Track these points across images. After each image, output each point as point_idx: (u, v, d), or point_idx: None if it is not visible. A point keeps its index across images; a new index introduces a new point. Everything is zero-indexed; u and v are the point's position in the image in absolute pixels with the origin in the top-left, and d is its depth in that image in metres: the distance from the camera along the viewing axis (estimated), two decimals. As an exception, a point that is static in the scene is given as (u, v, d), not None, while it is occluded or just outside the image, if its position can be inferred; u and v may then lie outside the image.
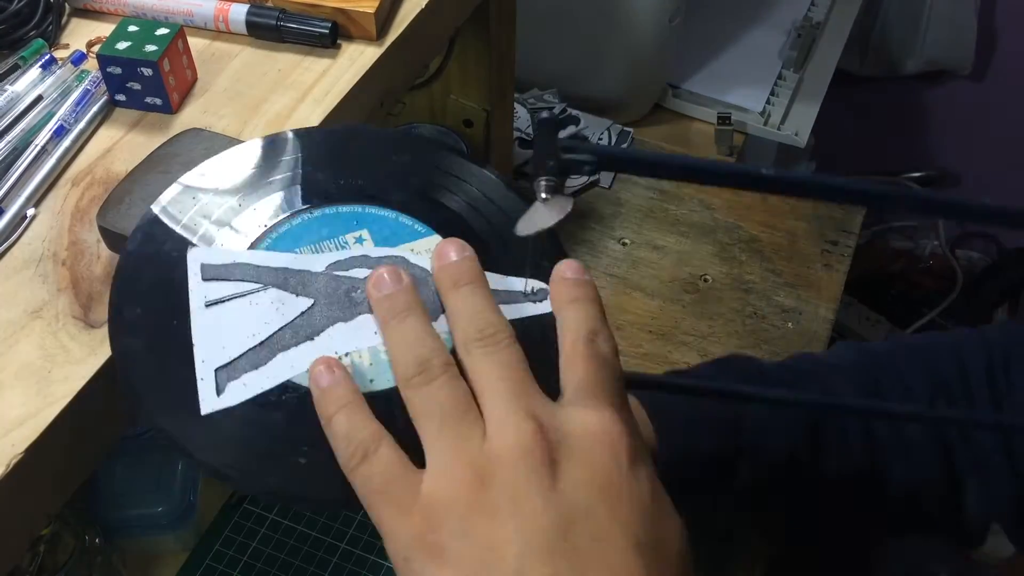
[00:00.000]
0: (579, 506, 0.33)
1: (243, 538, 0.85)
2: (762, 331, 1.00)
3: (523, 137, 1.13)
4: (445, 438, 0.35)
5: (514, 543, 0.33)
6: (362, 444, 0.35)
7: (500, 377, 0.36)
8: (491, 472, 0.34)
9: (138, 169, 0.49)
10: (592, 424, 0.35)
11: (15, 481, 0.40)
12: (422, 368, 0.36)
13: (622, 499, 0.34)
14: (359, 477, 0.35)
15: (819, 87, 1.31)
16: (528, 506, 0.33)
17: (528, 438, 0.34)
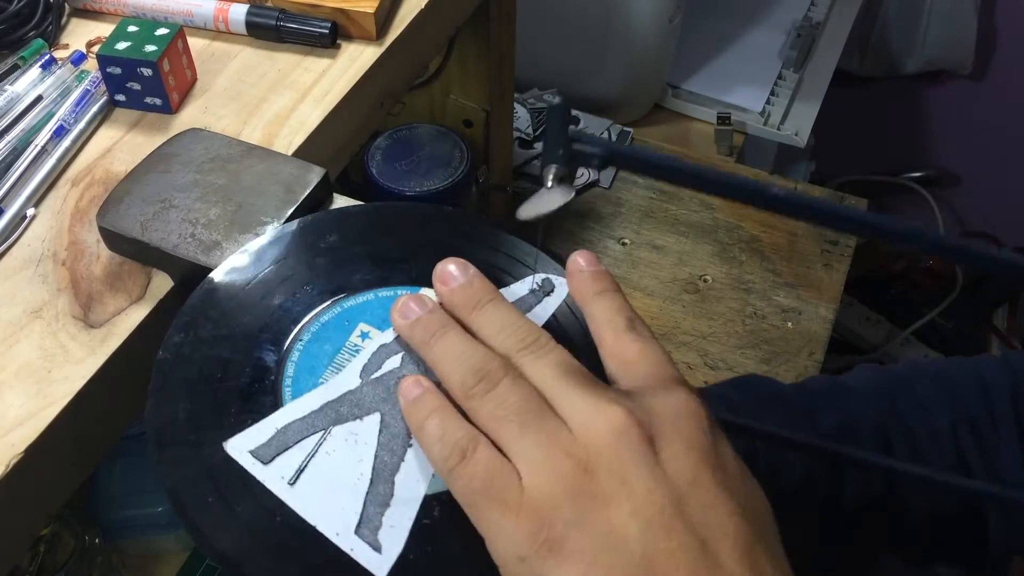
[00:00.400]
0: (685, 478, 0.34)
1: (243, 538, 0.85)
2: (762, 331, 1.00)
3: (523, 137, 1.13)
4: (531, 435, 0.34)
5: (634, 523, 0.33)
6: (459, 444, 0.35)
7: (563, 375, 0.36)
8: (593, 459, 0.34)
9: (138, 169, 0.49)
10: (670, 401, 0.36)
11: (15, 481, 0.40)
12: (481, 375, 0.36)
13: (719, 467, 0.35)
14: (459, 478, 0.34)
15: (819, 87, 1.31)
16: (639, 485, 0.33)
17: (620, 420, 0.34)
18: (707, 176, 0.40)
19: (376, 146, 0.91)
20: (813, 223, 1.09)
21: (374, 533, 0.35)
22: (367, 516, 0.36)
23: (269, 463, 0.36)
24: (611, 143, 0.38)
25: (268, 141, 0.54)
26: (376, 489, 0.36)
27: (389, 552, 0.35)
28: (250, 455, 0.37)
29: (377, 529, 0.35)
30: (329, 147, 0.58)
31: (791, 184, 1.18)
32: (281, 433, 0.37)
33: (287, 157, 0.51)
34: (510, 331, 0.37)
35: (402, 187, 0.87)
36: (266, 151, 0.50)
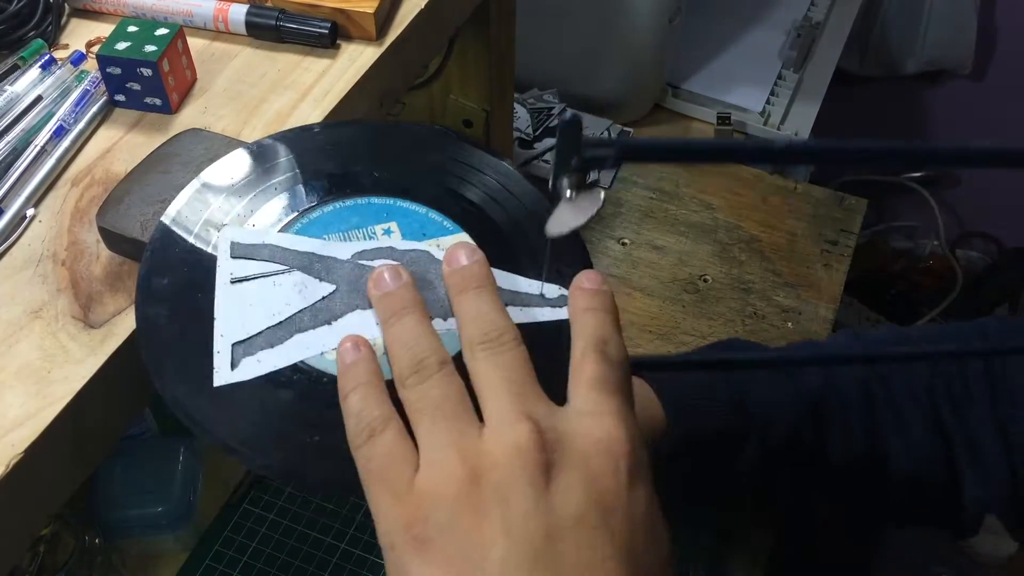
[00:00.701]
0: (570, 513, 0.33)
1: (243, 538, 0.85)
2: (762, 331, 1.00)
3: (523, 137, 1.13)
4: (439, 433, 0.35)
5: (499, 545, 0.32)
6: (370, 424, 0.36)
7: (501, 378, 0.36)
8: (484, 469, 0.34)
9: (138, 169, 0.49)
10: (594, 431, 0.35)
11: (15, 481, 0.40)
12: (417, 367, 0.36)
13: (616, 511, 0.33)
14: (361, 456, 0.36)
15: (819, 87, 1.31)
16: (518, 508, 0.33)
17: (524, 439, 0.34)
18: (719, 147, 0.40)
19: (376, 146, 0.91)
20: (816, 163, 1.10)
21: (242, 355, 0.38)
22: (251, 341, 0.39)
23: (234, 258, 0.41)
24: (621, 139, 0.38)
25: (268, 141, 0.54)
26: (276, 331, 0.39)
27: (238, 374, 0.38)
28: (229, 243, 0.42)
29: (248, 354, 0.39)
30: (329, 147, 0.58)
31: (791, 184, 1.18)
32: (261, 246, 0.41)
33: (287, 157, 0.51)
34: (478, 322, 0.38)
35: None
36: (266, 151, 0.50)
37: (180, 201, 0.44)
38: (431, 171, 0.47)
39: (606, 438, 0.35)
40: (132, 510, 0.81)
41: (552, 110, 1.17)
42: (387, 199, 0.44)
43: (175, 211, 0.43)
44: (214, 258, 0.41)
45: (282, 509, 0.87)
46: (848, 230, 1.12)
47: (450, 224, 0.44)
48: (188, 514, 0.83)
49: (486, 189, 0.47)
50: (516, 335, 0.37)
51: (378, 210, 0.44)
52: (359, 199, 0.44)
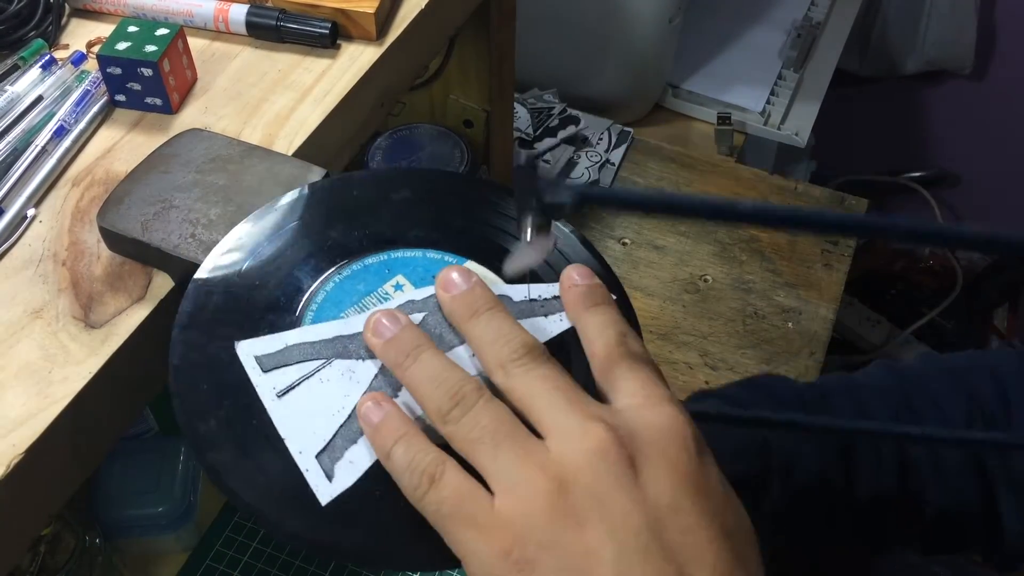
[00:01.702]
0: (665, 501, 0.33)
1: (243, 538, 0.85)
2: (762, 331, 1.00)
3: (523, 137, 1.13)
4: (504, 454, 0.34)
5: (609, 546, 0.32)
6: (427, 470, 0.34)
7: (550, 389, 0.35)
8: (569, 478, 0.33)
9: (138, 169, 0.49)
10: (656, 420, 0.35)
11: (15, 481, 0.40)
12: (456, 399, 0.35)
13: (702, 490, 0.34)
14: (429, 504, 0.34)
15: (819, 87, 1.31)
16: (617, 507, 0.32)
17: (601, 439, 0.33)
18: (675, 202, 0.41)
19: (376, 146, 0.91)
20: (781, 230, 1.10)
21: (332, 462, 0.37)
22: (332, 445, 0.37)
23: (267, 372, 0.38)
24: (580, 187, 0.39)
25: (268, 141, 0.54)
26: (350, 425, 0.37)
27: (339, 483, 0.36)
28: (254, 359, 0.39)
29: (336, 460, 0.37)
30: (329, 147, 0.58)
31: (791, 184, 1.18)
32: (288, 349, 0.39)
33: (287, 157, 0.51)
34: (504, 341, 0.37)
35: (402, 187, 0.87)
36: (266, 151, 0.50)
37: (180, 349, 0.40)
38: (405, 212, 0.45)
39: (670, 424, 0.35)
40: (132, 510, 0.81)
41: (552, 110, 1.17)
42: (380, 255, 0.43)
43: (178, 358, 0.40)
44: (246, 379, 0.39)
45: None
46: (848, 230, 1.11)
47: (452, 257, 0.43)
48: (188, 514, 0.83)
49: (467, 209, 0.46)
50: (545, 349, 0.37)
51: (378, 269, 0.42)
52: (354, 265, 0.43)
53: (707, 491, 0.34)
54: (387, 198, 0.46)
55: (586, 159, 1.16)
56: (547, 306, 0.41)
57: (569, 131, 1.15)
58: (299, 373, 0.38)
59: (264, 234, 0.44)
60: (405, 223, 0.45)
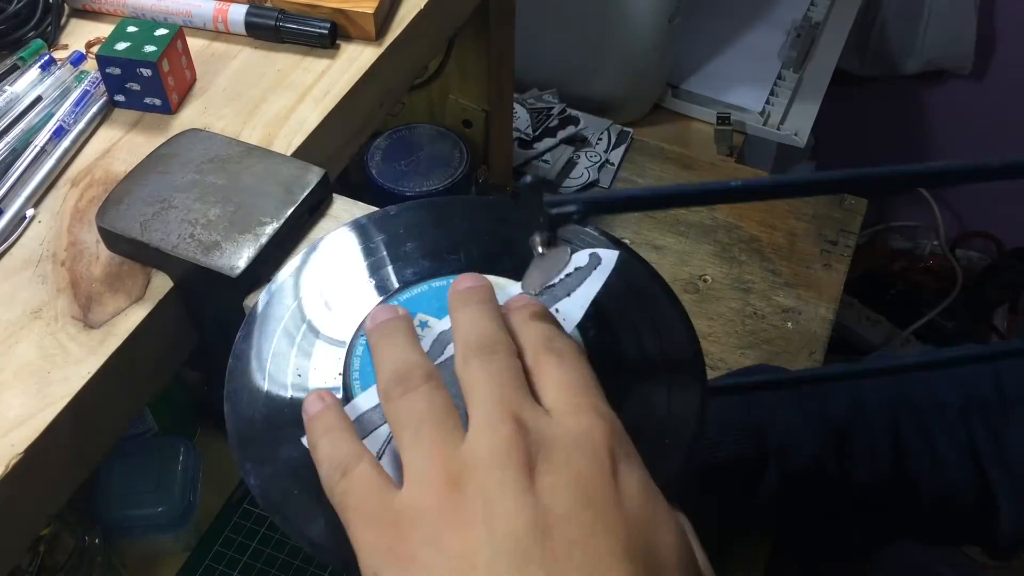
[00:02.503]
0: (558, 510, 0.31)
1: (243, 538, 0.85)
2: (762, 331, 1.00)
3: (522, 137, 1.13)
4: (420, 444, 0.34)
5: (485, 549, 0.31)
6: (342, 462, 0.35)
7: (488, 382, 0.35)
8: (465, 476, 0.32)
9: (137, 169, 0.49)
10: (573, 427, 0.34)
11: (15, 481, 0.40)
12: (401, 380, 0.35)
13: (606, 504, 0.32)
14: (336, 495, 0.34)
15: (819, 87, 1.31)
16: (501, 509, 0.31)
17: (505, 440, 0.33)
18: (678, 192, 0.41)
19: (376, 146, 0.91)
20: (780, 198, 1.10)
21: None
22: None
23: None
24: (585, 196, 0.39)
25: (267, 141, 0.54)
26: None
27: None
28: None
29: None
30: (329, 147, 0.58)
31: (791, 184, 1.18)
32: (370, 413, 0.38)
33: (286, 157, 0.51)
34: (477, 332, 0.37)
35: (402, 187, 0.87)
36: (265, 151, 0.50)
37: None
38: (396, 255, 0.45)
39: (585, 433, 0.34)
40: (132, 510, 0.81)
41: (552, 110, 1.17)
42: (396, 297, 0.43)
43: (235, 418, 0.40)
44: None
45: (282, 509, 0.87)
46: (848, 230, 1.12)
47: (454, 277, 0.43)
48: (188, 514, 0.83)
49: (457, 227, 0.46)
50: (510, 346, 0.37)
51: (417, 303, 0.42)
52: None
53: (614, 504, 0.32)
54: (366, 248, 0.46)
55: (585, 159, 1.16)
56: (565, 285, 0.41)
57: (569, 131, 1.15)
58: (376, 444, 0.37)
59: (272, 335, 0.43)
60: (396, 265, 0.45)
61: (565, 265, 0.40)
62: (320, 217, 0.49)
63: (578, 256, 0.41)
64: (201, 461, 0.86)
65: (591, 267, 0.41)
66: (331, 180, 0.50)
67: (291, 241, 0.47)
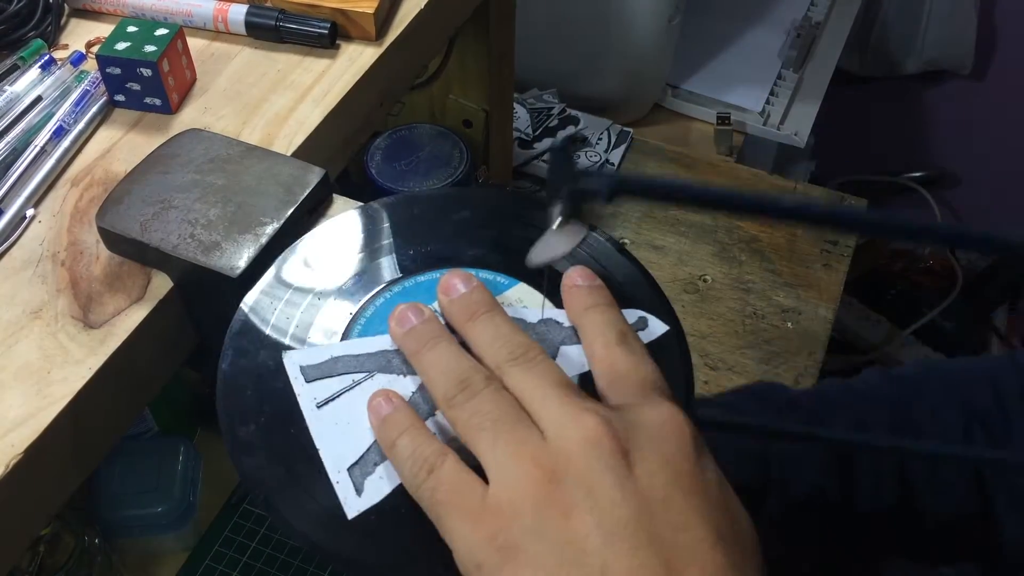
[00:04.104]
0: (656, 495, 0.32)
1: (243, 538, 0.85)
2: (762, 331, 1.00)
3: (522, 137, 1.13)
4: (502, 444, 0.34)
5: (595, 535, 0.31)
6: (427, 460, 0.35)
7: (546, 384, 0.35)
8: (561, 467, 0.33)
9: (138, 169, 0.49)
10: (654, 417, 0.35)
11: (15, 481, 0.40)
12: (463, 385, 0.36)
13: (696, 489, 0.33)
14: (425, 491, 0.35)
15: (819, 87, 1.31)
16: (606, 497, 0.32)
17: (595, 429, 0.33)
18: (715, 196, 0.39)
19: (376, 146, 0.91)
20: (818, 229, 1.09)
21: (363, 477, 0.37)
22: (364, 460, 0.37)
23: (311, 382, 0.39)
24: (616, 175, 0.37)
25: (268, 141, 0.54)
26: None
27: (367, 498, 0.36)
28: (299, 368, 0.39)
29: (367, 475, 0.37)
30: (329, 147, 0.58)
31: (791, 184, 1.18)
32: (332, 361, 0.39)
33: (287, 157, 0.51)
34: (502, 342, 0.37)
35: (402, 187, 0.87)
36: (266, 151, 0.50)
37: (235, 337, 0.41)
38: (463, 232, 0.45)
39: (666, 420, 0.34)
40: (132, 510, 0.81)
41: (552, 110, 1.17)
42: (434, 273, 0.43)
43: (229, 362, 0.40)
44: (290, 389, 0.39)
45: (282, 509, 0.87)
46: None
47: (504, 279, 0.43)
48: (188, 514, 0.83)
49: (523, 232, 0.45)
50: (543, 350, 0.37)
51: (429, 288, 0.42)
52: (407, 282, 0.43)
53: (702, 491, 0.33)
54: (446, 217, 0.46)
55: (585, 159, 1.16)
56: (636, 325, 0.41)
57: (568, 131, 1.15)
58: (340, 385, 0.39)
59: (323, 249, 0.45)
60: (463, 243, 0.45)
61: (577, 241, 0.39)
62: (320, 217, 0.49)
63: (627, 313, 0.41)
64: (201, 461, 0.86)
65: (635, 328, 0.40)
66: (331, 180, 0.50)
67: (291, 241, 0.47)
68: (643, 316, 0.41)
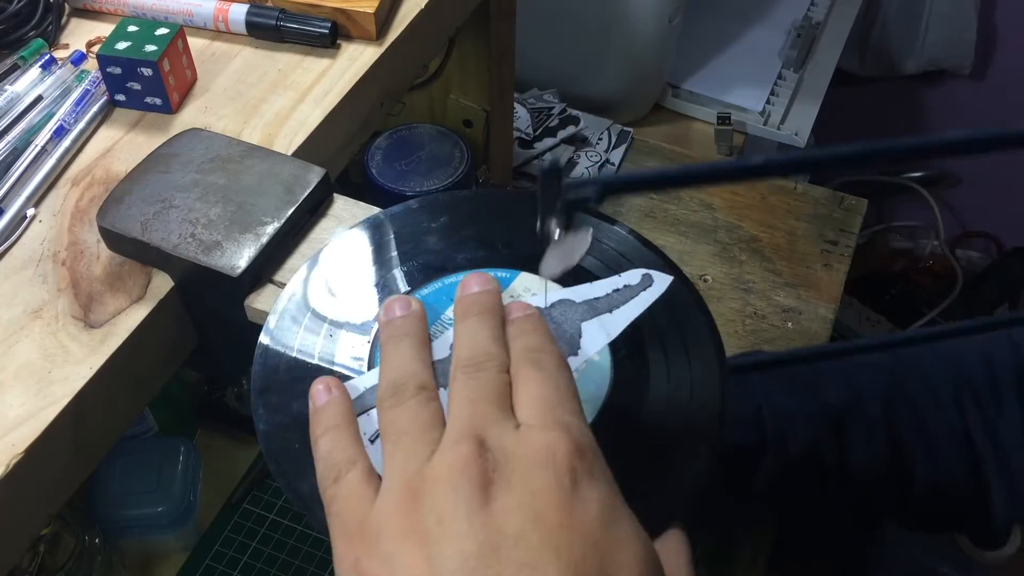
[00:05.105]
0: (508, 531, 0.31)
1: (243, 538, 0.85)
2: (762, 331, 1.00)
3: (523, 137, 1.13)
4: (396, 457, 0.34)
5: (434, 568, 0.31)
6: (336, 466, 0.35)
7: (471, 399, 0.35)
8: (426, 491, 0.32)
9: (138, 169, 0.49)
10: (536, 445, 0.33)
11: (15, 481, 0.40)
12: (395, 390, 0.36)
13: (561, 525, 0.31)
14: (327, 498, 0.35)
15: (819, 87, 1.31)
16: (453, 529, 0.31)
17: (464, 458, 0.32)
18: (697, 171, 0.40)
19: (376, 146, 0.91)
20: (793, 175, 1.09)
21: None
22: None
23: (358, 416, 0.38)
24: (600, 178, 0.38)
25: (268, 141, 0.54)
26: None
27: None
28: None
29: None
30: (329, 147, 0.58)
31: (791, 184, 1.18)
32: (368, 393, 0.38)
33: (287, 157, 0.51)
34: (470, 347, 0.37)
35: (402, 187, 0.87)
36: (266, 151, 0.50)
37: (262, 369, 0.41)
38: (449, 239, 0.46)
39: (547, 450, 0.33)
40: (132, 510, 0.81)
41: (552, 110, 1.17)
42: (434, 284, 0.43)
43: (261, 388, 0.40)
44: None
45: (282, 509, 0.87)
46: (848, 230, 1.12)
47: (505, 272, 0.43)
48: (188, 514, 0.83)
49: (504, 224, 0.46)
50: (501, 363, 0.36)
51: (435, 298, 0.42)
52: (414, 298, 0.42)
53: (568, 526, 0.31)
54: (427, 227, 0.46)
55: (586, 159, 1.16)
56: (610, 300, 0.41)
57: (569, 131, 1.15)
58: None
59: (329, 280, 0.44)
60: (451, 248, 0.45)
61: (586, 246, 0.39)
62: (321, 217, 0.49)
63: (630, 274, 0.41)
64: (201, 461, 0.86)
65: (641, 287, 0.41)
66: (331, 180, 0.50)
67: (292, 241, 0.47)
68: (647, 273, 0.41)
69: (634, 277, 0.41)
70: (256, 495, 0.87)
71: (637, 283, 0.41)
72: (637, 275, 0.41)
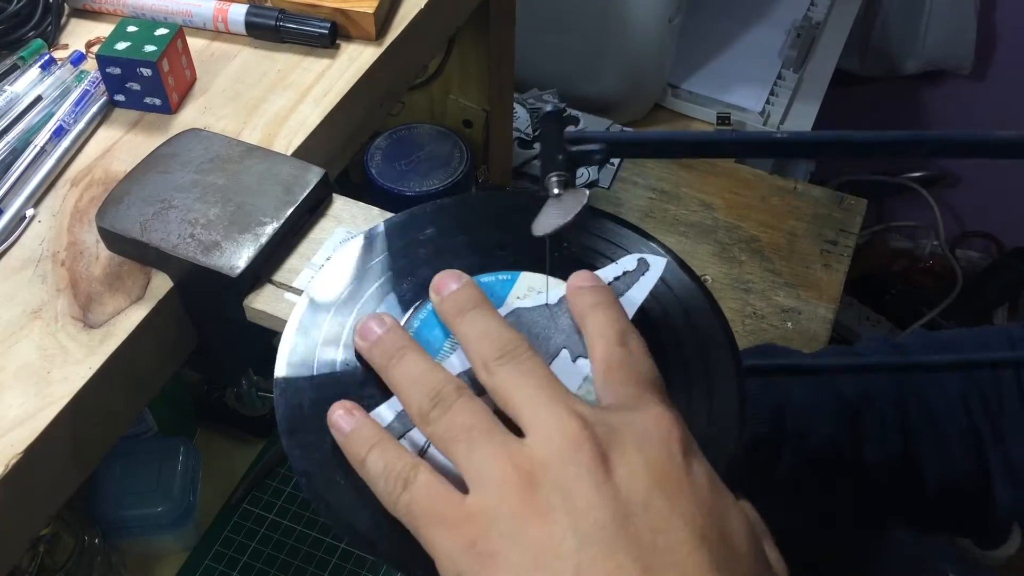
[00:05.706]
0: (636, 498, 0.32)
1: (243, 538, 0.85)
2: (762, 331, 1.00)
3: (522, 137, 1.13)
4: (478, 451, 0.34)
5: (570, 539, 0.31)
6: (400, 474, 0.35)
7: (532, 384, 0.35)
8: (539, 472, 0.33)
9: (137, 169, 0.49)
10: (640, 419, 0.34)
11: (14, 481, 0.40)
12: (436, 399, 0.35)
13: (681, 491, 0.33)
14: (403, 507, 0.34)
15: (819, 87, 1.31)
16: (582, 501, 0.32)
17: (575, 433, 0.33)
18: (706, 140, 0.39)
19: (376, 146, 0.91)
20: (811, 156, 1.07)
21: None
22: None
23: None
24: (608, 134, 0.37)
25: (268, 141, 0.54)
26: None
27: None
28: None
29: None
30: (329, 147, 0.58)
31: (791, 184, 1.18)
32: (396, 420, 0.38)
33: (286, 157, 0.51)
34: (489, 339, 0.37)
35: (402, 187, 0.87)
36: (265, 151, 0.50)
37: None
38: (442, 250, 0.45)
39: (653, 423, 0.34)
40: (132, 510, 0.81)
41: (555, 103, 1.17)
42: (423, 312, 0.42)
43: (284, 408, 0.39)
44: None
45: (282, 509, 0.87)
46: (848, 230, 1.12)
47: (505, 274, 0.43)
48: (188, 514, 0.83)
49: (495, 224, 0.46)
50: (531, 346, 0.37)
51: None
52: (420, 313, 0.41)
53: (687, 492, 0.33)
54: (416, 240, 0.45)
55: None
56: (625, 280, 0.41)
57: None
58: (422, 437, 0.37)
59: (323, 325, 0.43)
60: (446, 258, 0.44)
61: (580, 206, 0.38)
62: (320, 217, 0.49)
63: (626, 260, 0.41)
64: (201, 461, 0.86)
65: (639, 272, 0.41)
66: (331, 180, 0.50)
67: (291, 241, 0.47)
68: (642, 258, 0.41)
69: (630, 263, 0.41)
70: (256, 495, 0.88)
71: (635, 268, 0.41)
72: (633, 260, 0.41)
